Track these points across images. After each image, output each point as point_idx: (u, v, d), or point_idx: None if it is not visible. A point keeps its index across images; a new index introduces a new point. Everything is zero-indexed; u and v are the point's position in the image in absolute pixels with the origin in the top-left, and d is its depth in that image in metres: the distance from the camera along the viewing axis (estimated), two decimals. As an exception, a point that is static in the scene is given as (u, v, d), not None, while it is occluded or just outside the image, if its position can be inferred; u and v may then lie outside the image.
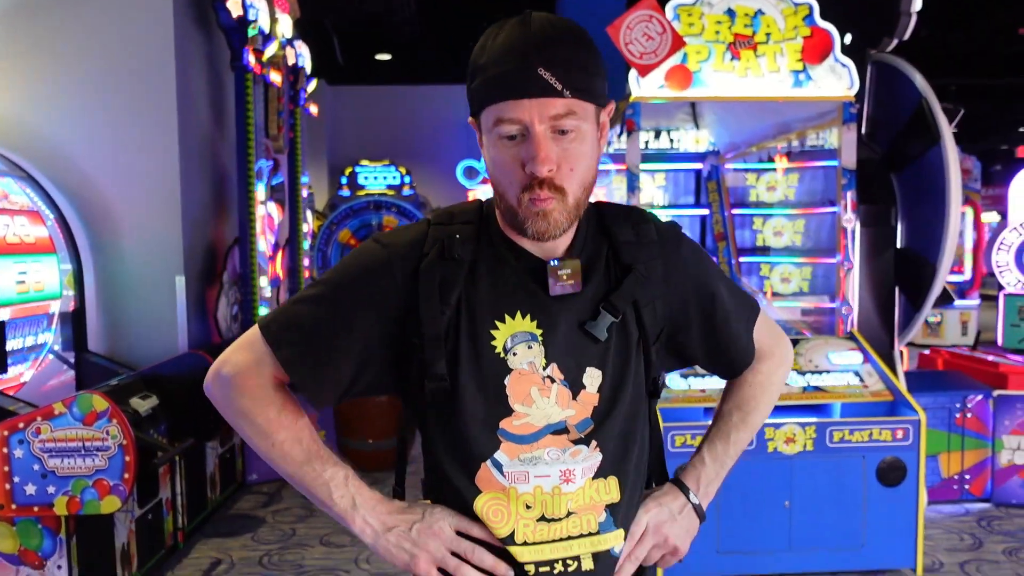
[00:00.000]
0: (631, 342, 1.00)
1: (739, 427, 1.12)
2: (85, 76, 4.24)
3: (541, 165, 0.90)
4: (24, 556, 2.54)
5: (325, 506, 1.00)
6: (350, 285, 0.99)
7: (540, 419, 0.95)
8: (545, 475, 0.95)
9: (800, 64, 3.47)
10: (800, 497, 3.09)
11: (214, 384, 1.02)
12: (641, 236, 1.02)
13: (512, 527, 0.95)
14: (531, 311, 0.96)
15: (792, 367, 1.17)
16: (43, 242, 3.96)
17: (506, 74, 0.89)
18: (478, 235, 1.00)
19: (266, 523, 3.93)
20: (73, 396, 2.52)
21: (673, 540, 1.04)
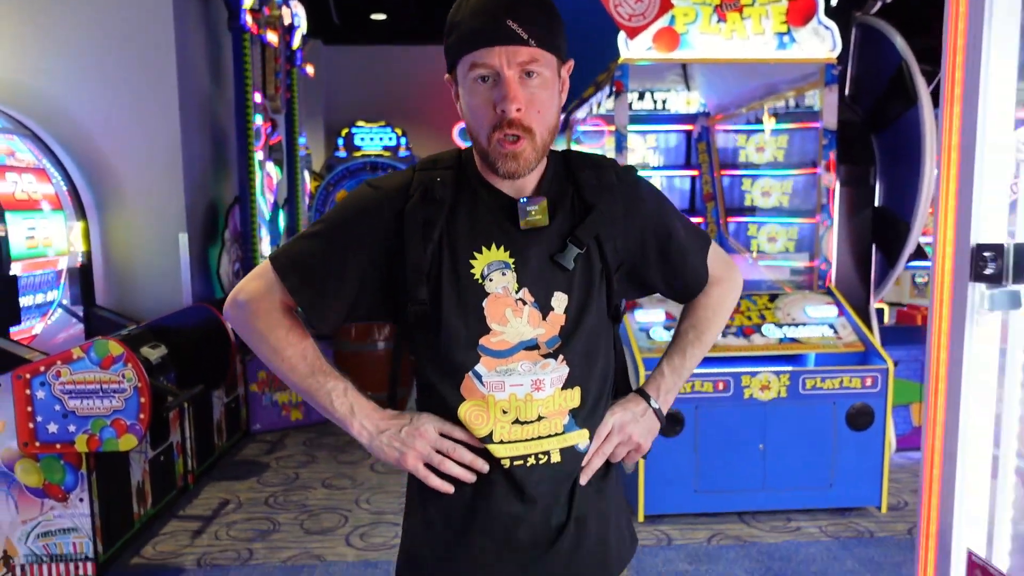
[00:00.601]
0: (594, 272, 1.13)
1: (694, 343, 1.27)
2: (87, 37, 4.31)
3: (511, 104, 1.02)
4: (48, 490, 2.73)
5: (327, 412, 1.15)
6: (346, 223, 1.13)
7: (514, 336, 1.09)
8: (519, 384, 1.09)
9: (784, 26, 3.57)
10: (774, 440, 3.29)
11: (232, 308, 1.17)
12: (602, 179, 1.15)
13: (491, 428, 1.10)
14: (504, 243, 1.10)
15: (740, 294, 1.32)
16: (50, 199, 4.08)
17: (479, 27, 1.02)
18: (457, 178, 1.13)
19: (270, 468, 4.13)
20: (90, 342, 2.68)
21: (636, 438, 1.19)
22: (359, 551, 3.14)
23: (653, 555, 3.05)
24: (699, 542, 3.16)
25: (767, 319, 3.53)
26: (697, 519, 3.34)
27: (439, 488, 1.11)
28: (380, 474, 4.01)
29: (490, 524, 1.11)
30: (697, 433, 3.26)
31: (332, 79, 10.15)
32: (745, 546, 3.12)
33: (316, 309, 1.13)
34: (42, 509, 2.73)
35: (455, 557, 1.13)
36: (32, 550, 2.75)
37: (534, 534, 1.12)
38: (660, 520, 3.33)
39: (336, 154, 9.10)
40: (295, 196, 6.28)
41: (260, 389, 4.69)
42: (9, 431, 2.68)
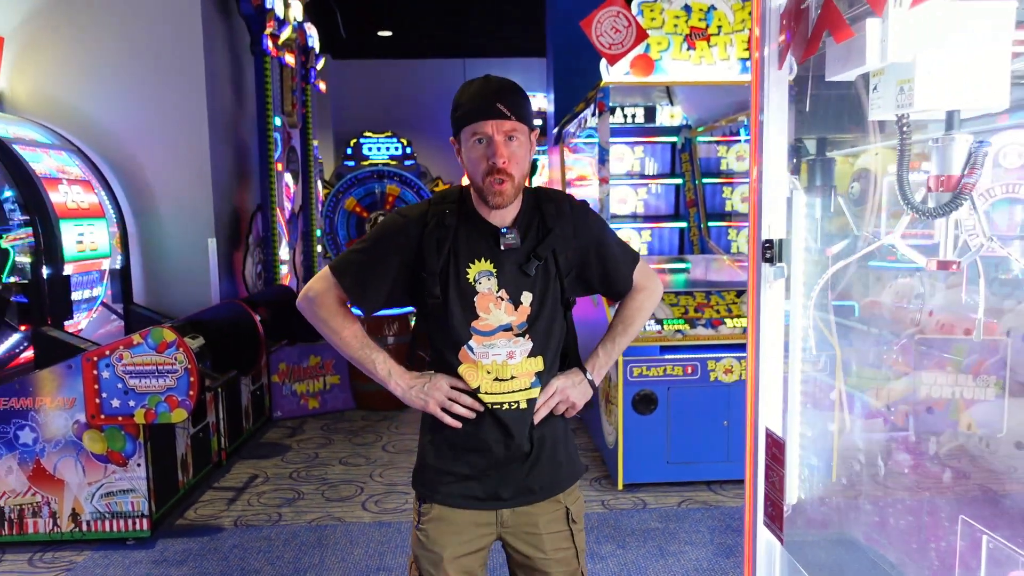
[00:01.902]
0: (550, 276, 1.58)
1: (622, 334, 1.71)
2: (126, 61, 4.80)
3: (499, 158, 1.47)
4: (111, 456, 3.20)
5: (372, 375, 1.61)
6: (381, 241, 1.59)
7: (495, 321, 1.55)
8: (498, 354, 1.55)
9: (747, 53, 4.04)
10: (737, 418, 3.74)
11: (304, 301, 1.63)
12: (559, 210, 1.60)
13: (479, 383, 1.56)
14: (489, 257, 1.55)
15: (659, 298, 1.78)
16: (95, 208, 4.56)
17: (477, 107, 1.49)
18: (459, 210, 1.59)
19: (292, 449, 4.60)
20: (148, 329, 3.15)
21: (572, 399, 1.63)
22: (374, 514, 3.61)
23: (630, 516, 3.51)
24: (670, 506, 3.61)
25: (733, 312, 3.98)
26: (670, 487, 3.80)
27: (451, 424, 1.58)
28: (391, 453, 4.48)
29: (480, 446, 1.59)
30: (669, 411, 3.72)
31: (341, 92, 10.65)
32: (710, 509, 3.57)
33: (363, 300, 1.60)
34: (105, 473, 3.20)
35: (454, 465, 1.60)
36: (96, 508, 3.22)
37: (510, 453, 1.59)
38: (637, 488, 3.79)
39: (345, 163, 9.59)
40: (309, 203, 6.76)
41: (281, 380, 5.16)
42: (78, 406, 3.15)
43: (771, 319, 1.30)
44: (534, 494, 1.61)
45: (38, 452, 3.17)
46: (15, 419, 3.16)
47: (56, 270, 4.07)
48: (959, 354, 1.82)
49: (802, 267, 1.30)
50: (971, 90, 1.14)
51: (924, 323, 1.93)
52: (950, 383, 1.80)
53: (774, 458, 1.24)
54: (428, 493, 1.63)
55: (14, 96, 4.83)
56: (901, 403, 2.07)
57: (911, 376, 1.97)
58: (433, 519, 1.61)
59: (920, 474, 1.98)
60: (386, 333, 5.36)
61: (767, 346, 1.30)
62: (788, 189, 1.29)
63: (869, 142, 1.70)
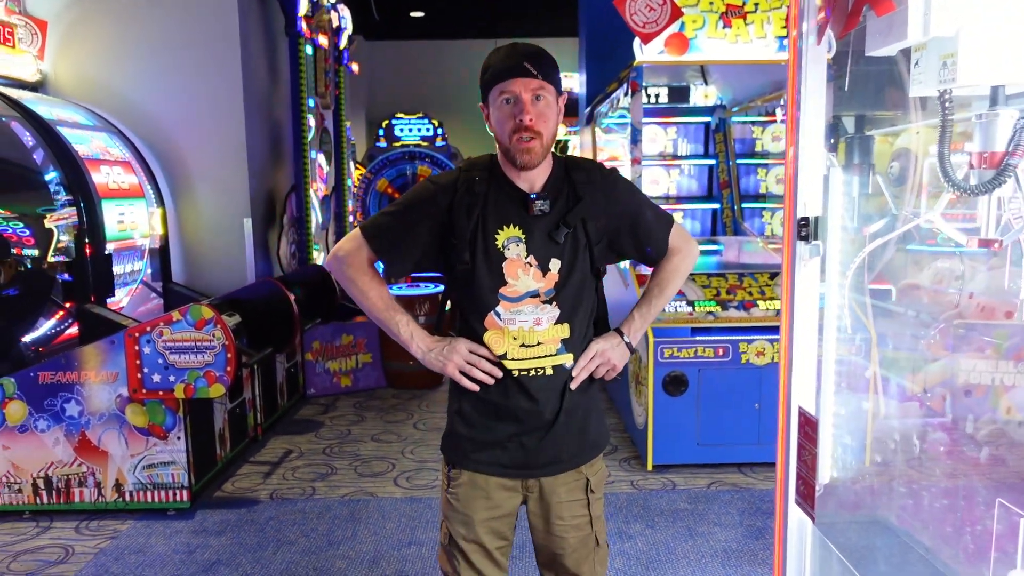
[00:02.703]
0: (580, 245, 1.57)
1: (658, 296, 1.71)
2: (163, 45, 4.88)
3: (526, 115, 1.48)
4: (152, 429, 3.30)
5: (395, 336, 1.63)
6: (414, 204, 1.61)
7: (523, 287, 1.55)
8: (525, 320, 1.56)
9: (784, 31, 3.96)
10: (768, 400, 3.71)
11: (333, 261, 1.66)
12: (590, 178, 1.59)
13: (505, 349, 1.57)
14: (518, 223, 1.56)
15: (696, 260, 1.78)
16: (135, 188, 4.67)
17: (506, 67, 1.50)
18: (489, 177, 1.59)
19: (325, 425, 4.69)
20: (187, 307, 3.23)
21: (612, 360, 1.63)
22: (405, 490, 3.67)
23: (659, 496, 3.52)
24: (700, 487, 3.62)
25: (766, 294, 3.94)
26: (700, 469, 3.80)
27: (469, 387, 1.59)
28: (422, 431, 4.54)
29: (507, 413, 1.60)
30: (700, 393, 3.71)
31: (373, 73, 10.69)
32: (740, 491, 3.57)
33: (392, 262, 1.63)
34: (147, 445, 3.31)
35: (484, 433, 1.62)
36: (139, 479, 3.33)
37: (537, 421, 1.60)
38: (666, 469, 3.80)
39: (377, 144, 9.64)
40: (341, 184, 6.82)
41: (314, 358, 5.25)
42: (121, 380, 3.25)
43: (805, 298, 1.29)
44: (561, 463, 1.63)
45: (83, 424, 3.28)
46: (62, 392, 3.27)
47: (98, 249, 4.19)
48: (1000, 338, 1.79)
49: (838, 246, 1.28)
50: (1017, 64, 1.11)
51: (964, 306, 1.89)
52: (990, 368, 1.77)
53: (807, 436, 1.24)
54: (457, 459, 1.66)
55: (57, 79, 4.95)
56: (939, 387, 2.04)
57: (949, 360, 1.94)
58: (463, 484, 1.64)
59: (956, 458, 1.95)
60: (417, 312, 5.41)
61: (801, 324, 1.29)
62: (825, 167, 1.27)
63: (910, 120, 1.67)
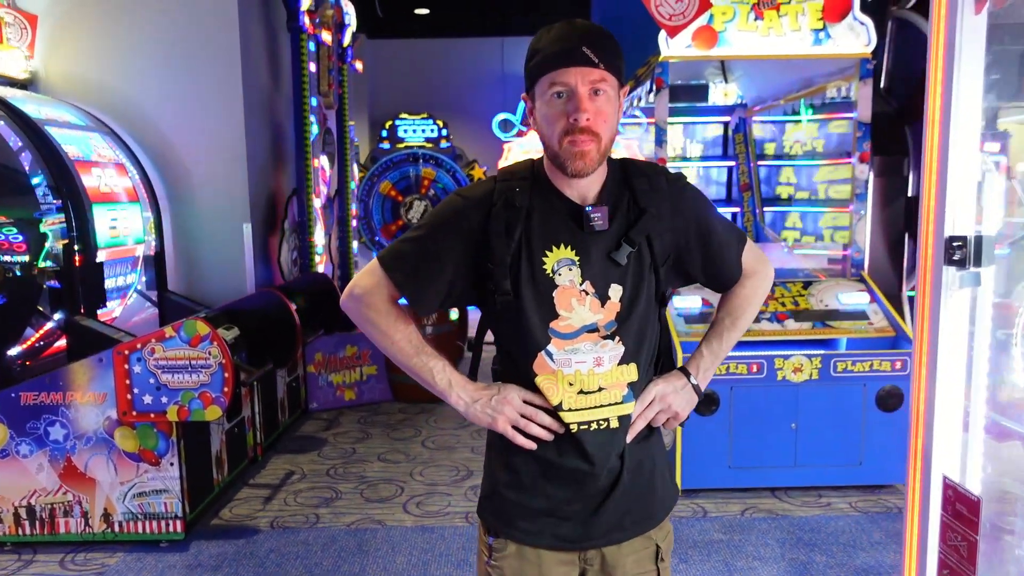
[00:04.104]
0: (644, 265, 1.32)
1: (730, 329, 1.45)
2: (159, 40, 4.62)
3: (582, 114, 1.21)
4: (143, 455, 3.05)
5: (429, 386, 1.36)
6: (440, 227, 1.34)
7: (578, 321, 1.29)
8: (583, 361, 1.30)
9: (820, 23, 3.71)
10: (805, 420, 3.46)
11: (349, 300, 1.39)
12: (654, 185, 1.33)
13: (560, 398, 1.30)
14: (571, 243, 1.29)
15: (771, 285, 1.50)
16: (129, 192, 4.42)
17: (559, 51, 1.22)
18: (532, 187, 1.33)
19: (328, 443, 4.44)
20: (181, 322, 2.97)
21: (675, 407, 1.38)
22: (416, 518, 3.41)
23: (689, 526, 3.26)
24: (733, 515, 3.36)
25: (800, 305, 3.69)
26: (731, 494, 3.54)
27: (525, 446, 1.33)
28: (431, 450, 4.29)
29: (563, 474, 1.34)
30: (732, 412, 3.45)
31: (376, 72, 10.43)
32: (777, 519, 3.31)
33: (417, 299, 1.35)
34: (137, 472, 3.05)
35: (533, 498, 1.36)
36: (129, 508, 3.07)
37: (596, 485, 1.34)
38: (696, 494, 3.54)
39: (380, 146, 9.38)
40: (345, 187, 6.57)
41: (316, 370, 5.00)
42: (109, 401, 3.00)
43: (953, 337, 1.02)
44: (626, 530, 1.37)
45: (69, 449, 3.03)
46: (45, 414, 3.02)
47: (89, 256, 3.94)
48: None
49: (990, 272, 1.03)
50: None
51: None
52: None
53: (961, 519, 0.97)
54: (503, 527, 1.39)
55: (48, 76, 4.70)
56: None
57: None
58: (508, 556, 1.38)
59: None
60: (424, 322, 5.15)
61: (946, 371, 1.03)
62: (980, 171, 1.01)
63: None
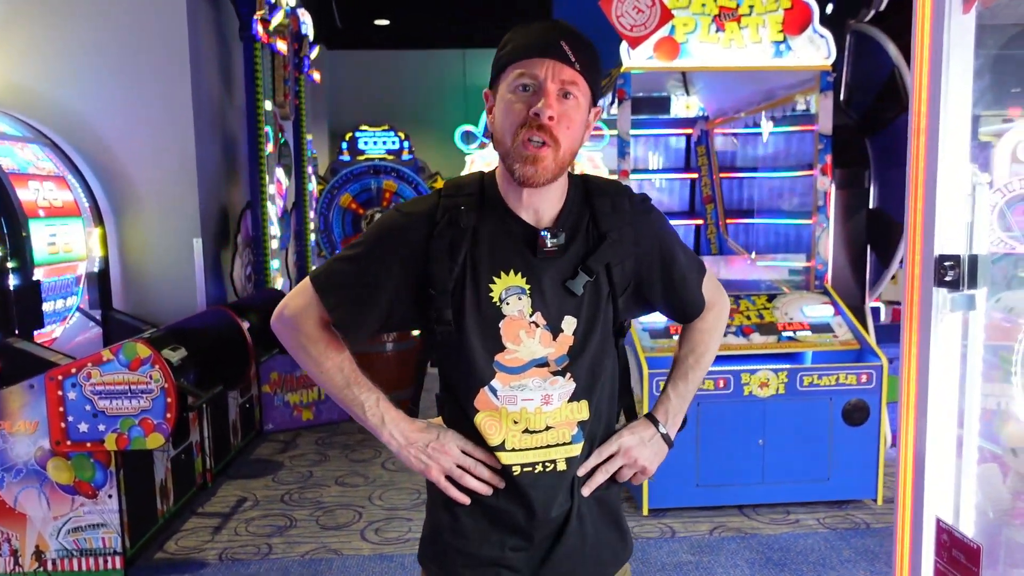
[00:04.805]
0: (602, 295, 1.22)
1: (694, 367, 1.36)
2: (103, 47, 4.43)
3: (547, 109, 1.10)
4: (79, 487, 2.85)
5: (360, 421, 1.26)
6: (377, 247, 1.22)
7: (526, 355, 1.19)
8: (529, 399, 1.20)
9: (781, 35, 3.69)
10: (772, 436, 3.41)
11: (278, 322, 1.28)
12: (617, 207, 1.23)
13: (503, 437, 1.21)
14: (521, 269, 1.19)
15: (727, 316, 1.42)
16: (69, 206, 4.20)
17: (534, 42, 1.13)
18: (480, 204, 1.21)
19: (284, 467, 4.25)
20: (119, 344, 2.79)
21: (641, 461, 1.28)
22: (374, 545, 3.26)
23: (657, 547, 3.17)
24: (701, 534, 3.28)
25: (765, 318, 3.65)
26: (699, 512, 3.47)
27: (457, 499, 1.23)
28: (392, 471, 4.13)
29: (503, 522, 1.23)
30: (699, 429, 3.38)
31: (336, 83, 10.27)
32: (746, 538, 3.24)
33: (350, 326, 1.24)
34: (72, 505, 2.85)
35: (477, 546, 1.24)
36: (63, 545, 2.87)
37: (543, 532, 1.23)
38: (664, 513, 3.46)
39: (340, 158, 9.22)
40: (303, 200, 6.40)
41: (272, 390, 4.81)
42: (41, 430, 2.80)
43: (945, 366, 0.94)
44: None
45: (-3, 482, 2.82)
46: (-30, 445, 2.81)
47: (25, 275, 3.72)
48: None
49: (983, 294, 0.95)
50: None
51: None
52: None
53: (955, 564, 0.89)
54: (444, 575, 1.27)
55: (-18, 85, 4.47)
56: None
57: None
58: None
59: None
60: (384, 339, 5.01)
61: (940, 403, 0.95)
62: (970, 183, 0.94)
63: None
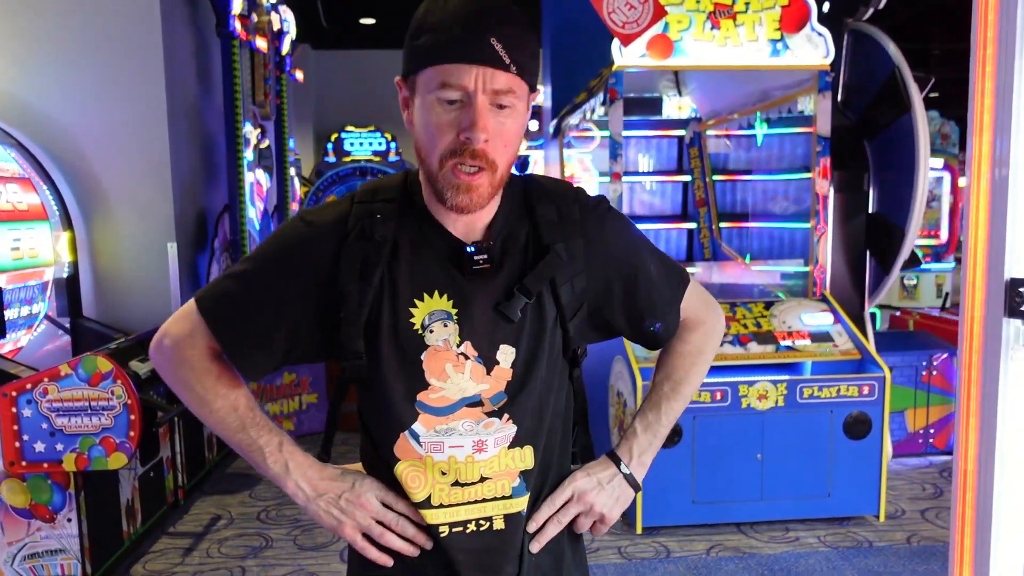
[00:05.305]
0: (547, 320, 1.03)
1: (670, 397, 1.15)
2: (72, 43, 4.24)
3: (480, 134, 0.91)
4: (35, 510, 2.67)
5: (260, 470, 1.06)
6: (275, 262, 1.02)
7: (455, 393, 1.00)
8: (459, 445, 1.00)
9: (778, 33, 3.56)
10: (771, 450, 3.27)
11: (157, 353, 1.07)
12: (564, 214, 1.04)
13: (428, 492, 1.01)
14: (448, 291, 1.00)
15: (722, 336, 1.22)
16: (35, 209, 4.01)
17: (459, 37, 0.90)
18: (401, 211, 1.02)
19: (261, 482, 4.07)
20: (79, 358, 2.62)
21: (599, 508, 1.08)
22: (354, 567, 3.09)
23: (651, 568, 3.02)
24: (698, 554, 3.13)
25: (763, 327, 3.51)
26: (695, 530, 3.32)
27: (377, 560, 1.04)
28: (374, 486, 3.97)
29: None
30: (695, 444, 3.24)
31: (321, 84, 10.10)
32: (744, 558, 3.10)
33: (244, 359, 1.04)
34: (28, 530, 2.67)
35: None
36: (18, 573, 2.68)
37: None
38: (658, 532, 3.31)
39: (325, 159, 9.05)
40: (284, 203, 6.22)
41: (251, 400, 4.63)
42: (-6, 450, 2.62)
43: (1017, 411, 0.78)
44: None
45: (-53, 505, 2.63)
46: (-82, 466, 2.62)
47: (-15, 281, 3.53)
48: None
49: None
50: None
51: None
52: None
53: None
54: None
55: (-56, 82, 4.26)
56: None
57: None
58: None
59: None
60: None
61: (1009, 456, 0.78)
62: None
63: None
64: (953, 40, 10.64)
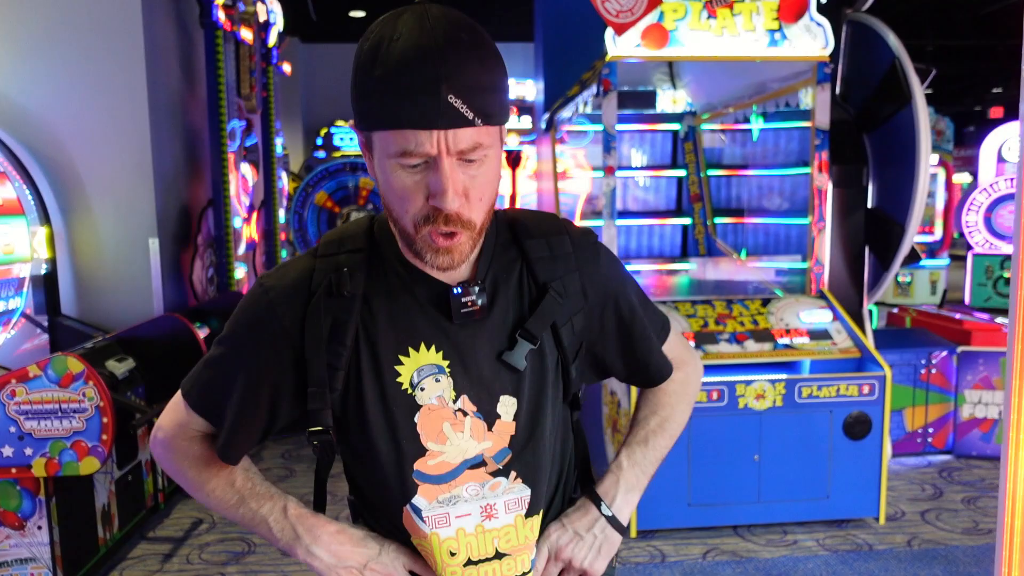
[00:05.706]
0: (548, 365, 0.95)
1: (657, 432, 1.08)
2: (48, 31, 4.11)
3: (451, 201, 0.82)
4: (3, 517, 2.55)
5: (270, 542, 0.99)
6: (242, 342, 0.95)
7: (456, 455, 0.91)
8: (466, 514, 0.92)
9: (776, 23, 3.47)
10: (769, 451, 3.18)
11: (155, 448, 1.06)
12: (555, 249, 0.96)
13: (437, 574, 0.93)
14: (436, 341, 0.91)
15: (701, 377, 1.18)
16: (11, 204, 3.88)
17: (410, 99, 0.78)
18: (370, 262, 0.93)
19: (247, 483, 3.96)
20: (48, 359, 2.51)
21: (578, 563, 0.99)
22: (339, 573, 2.99)
23: (646, 573, 2.93)
24: (694, 558, 3.04)
25: (760, 324, 3.42)
26: (691, 533, 3.23)
27: None
28: (361, 488, 3.87)
29: None
30: (690, 445, 3.15)
31: (310, 78, 9.97)
32: (741, 562, 3.01)
33: (226, 446, 0.97)
34: (-3, 538, 2.56)
35: None
36: (-13, 581, 2.58)
37: None
38: (653, 535, 3.22)
39: (315, 154, 8.93)
40: (272, 198, 6.10)
41: (236, 400, 4.52)
42: (-40, 455, 2.50)
43: None
44: None
45: (-89, 512, 2.52)
46: None
47: (-43, 278, 3.41)
48: None
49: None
50: None
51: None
52: None
53: None
54: None
55: (-83, 73, 4.13)
56: None
57: None
58: None
59: None
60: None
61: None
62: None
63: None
64: (947, 36, 10.59)
